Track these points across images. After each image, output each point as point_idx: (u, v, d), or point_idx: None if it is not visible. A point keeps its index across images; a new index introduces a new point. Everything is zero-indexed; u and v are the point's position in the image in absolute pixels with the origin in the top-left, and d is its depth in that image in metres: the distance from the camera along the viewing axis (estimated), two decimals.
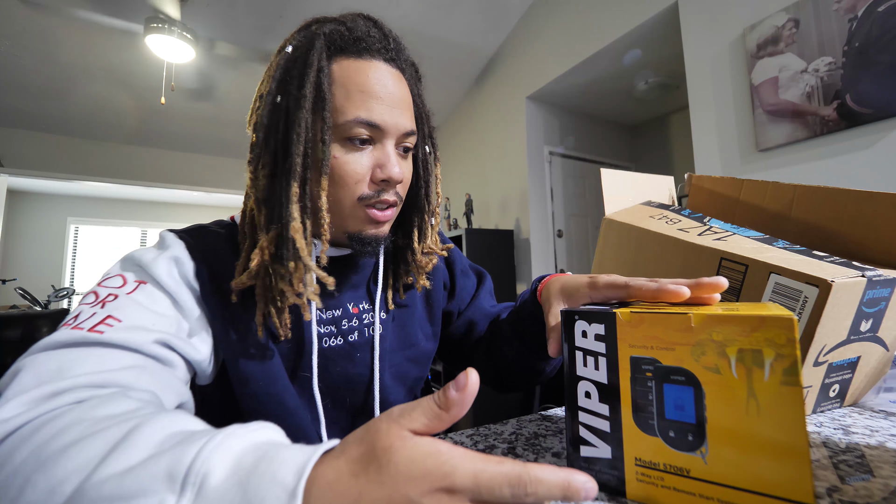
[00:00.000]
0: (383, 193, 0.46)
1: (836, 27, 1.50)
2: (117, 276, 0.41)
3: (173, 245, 0.45)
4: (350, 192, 0.45)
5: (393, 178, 0.45)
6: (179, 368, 0.40)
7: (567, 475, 0.20)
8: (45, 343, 0.34)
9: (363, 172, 0.45)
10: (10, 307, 4.02)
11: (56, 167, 3.87)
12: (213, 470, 0.21)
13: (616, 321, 0.30)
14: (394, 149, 0.46)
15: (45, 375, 0.31)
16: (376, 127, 0.44)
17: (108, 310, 0.37)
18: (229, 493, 0.20)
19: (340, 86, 0.44)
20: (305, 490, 0.20)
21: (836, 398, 0.46)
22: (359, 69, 0.44)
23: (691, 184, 0.72)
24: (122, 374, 0.33)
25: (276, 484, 0.20)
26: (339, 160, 0.44)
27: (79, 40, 2.82)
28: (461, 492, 0.20)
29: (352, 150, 0.44)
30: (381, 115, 0.44)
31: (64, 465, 0.23)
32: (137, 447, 0.23)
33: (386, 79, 0.45)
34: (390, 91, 0.45)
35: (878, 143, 1.42)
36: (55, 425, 0.26)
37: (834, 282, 0.37)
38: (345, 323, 0.51)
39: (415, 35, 3.05)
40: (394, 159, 0.45)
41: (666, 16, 2.17)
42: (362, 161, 0.45)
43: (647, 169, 3.59)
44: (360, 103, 0.43)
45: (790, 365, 0.24)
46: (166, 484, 0.20)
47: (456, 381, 0.23)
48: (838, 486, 0.29)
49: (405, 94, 0.47)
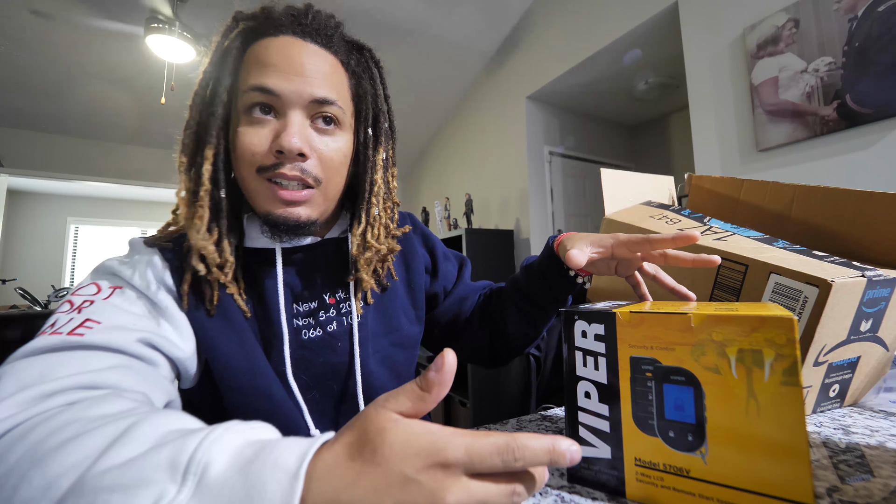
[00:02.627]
0: (282, 166, 0.44)
1: (836, 27, 1.50)
2: (91, 284, 0.41)
3: (144, 249, 0.45)
4: (248, 164, 0.44)
5: (284, 146, 0.42)
6: (164, 367, 0.40)
7: (552, 440, 0.22)
8: (24, 350, 0.33)
9: (260, 143, 0.44)
10: (10, 307, 4.02)
11: (56, 167, 3.87)
12: (215, 460, 0.21)
13: (616, 321, 0.30)
14: (301, 119, 0.45)
15: (26, 380, 0.30)
16: (270, 92, 0.43)
17: (86, 314, 0.37)
18: (230, 481, 0.20)
19: (245, 65, 0.45)
20: (306, 474, 0.21)
21: (836, 398, 0.46)
22: (263, 45, 0.45)
23: (691, 184, 0.72)
24: (107, 373, 0.33)
25: (277, 469, 0.20)
26: (238, 133, 0.44)
27: (79, 40, 2.82)
28: (455, 465, 0.21)
29: (253, 122, 0.44)
30: (275, 81, 0.43)
31: (61, 460, 0.23)
32: (137, 441, 0.23)
33: (289, 49, 0.45)
34: (292, 59, 0.45)
35: (878, 143, 1.42)
36: (49, 425, 0.26)
37: (834, 282, 0.37)
38: (322, 314, 0.51)
39: (415, 35, 3.05)
40: (293, 128, 0.43)
41: (666, 16, 2.17)
42: (261, 133, 0.44)
43: (647, 169, 3.59)
44: (255, 73, 0.44)
45: (790, 365, 0.24)
46: (168, 473, 0.21)
47: (434, 363, 0.24)
48: (838, 486, 0.29)
49: (318, 64, 0.46)
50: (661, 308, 0.30)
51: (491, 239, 3.07)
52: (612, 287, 0.63)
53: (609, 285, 0.64)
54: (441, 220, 3.45)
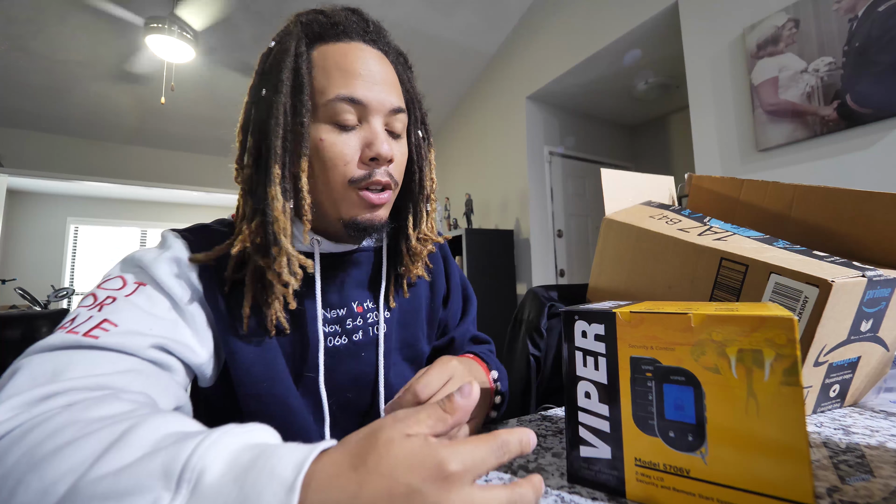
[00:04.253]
0: (375, 174, 0.45)
1: (836, 27, 1.50)
2: (117, 277, 0.41)
3: (174, 245, 0.44)
4: (340, 175, 0.44)
5: (382, 154, 0.44)
6: (178, 373, 0.40)
7: (519, 434, 0.25)
8: (41, 345, 0.34)
9: (351, 153, 0.44)
10: (10, 307, 4.02)
11: (56, 167, 3.87)
12: (210, 467, 0.21)
13: (616, 321, 0.30)
14: (382, 127, 0.46)
15: (39, 378, 0.31)
16: (359, 103, 0.44)
17: (105, 313, 0.37)
18: (225, 489, 0.20)
19: (321, 69, 0.44)
20: (304, 484, 0.20)
21: (837, 398, 0.46)
22: (338, 51, 0.45)
23: (691, 184, 0.72)
24: (115, 377, 0.33)
25: (273, 478, 0.20)
26: (325, 142, 0.43)
27: (79, 40, 2.82)
28: (456, 475, 0.22)
29: (339, 131, 0.44)
30: (363, 91, 0.44)
31: (57, 465, 0.22)
32: (132, 446, 0.23)
33: (367, 57, 0.45)
34: (371, 69, 0.45)
35: (878, 143, 1.42)
36: (47, 427, 0.26)
37: (834, 282, 0.37)
38: (349, 322, 0.51)
39: (415, 35, 3.05)
40: (382, 136, 0.45)
41: (666, 16, 2.17)
42: (350, 142, 0.44)
43: (647, 169, 3.59)
44: (340, 82, 0.43)
45: (790, 365, 0.24)
46: (162, 481, 0.20)
47: (461, 389, 0.26)
48: (838, 486, 0.29)
49: (389, 73, 0.47)
50: (661, 308, 0.30)
51: (491, 239, 3.07)
52: (612, 287, 0.63)
53: (609, 285, 0.64)
54: (441, 220, 3.46)
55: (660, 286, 0.54)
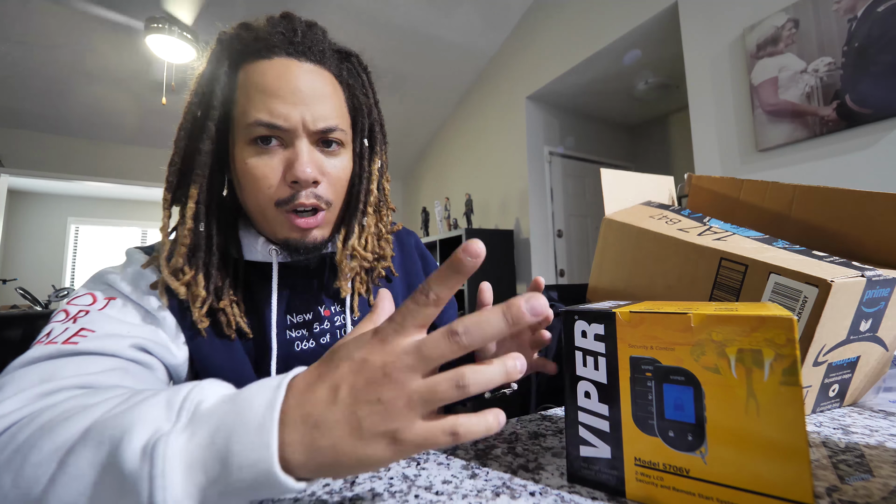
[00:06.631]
0: (299, 196, 0.44)
1: (835, 27, 1.50)
2: (86, 294, 0.41)
3: (138, 261, 0.45)
4: (265, 197, 0.44)
5: (300, 178, 0.42)
6: (159, 371, 0.41)
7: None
8: (21, 360, 0.34)
9: (273, 175, 0.43)
10: (11, 307, 4.02)
11: (56, 167, 3.87)
12: (207, 397, 0.24)
13: (616, 321, 0.30)
14: (308, 146, 0.44)
15: (27, 385, 0.31)
16: (278, 128, 0.42)
17: (81, 324, 0.37)
18: (221, 408, 0.23)
19: (243, 90, 0.44)
20: (289, 386, 0.23)
21: (836, 398, 0.46)
22: (258, 71, 0.43)
23: (691, 184, 0.72)
24: (104, 375, 0.34)
25: (262, 387, 0.23)
26: (248, 165, 0.43)
27: (79, 40, 2.82)
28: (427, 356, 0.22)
29: (260, 152, 0.43)
30: (282, 114, 0.42)
31: (69, 427, 0.24)
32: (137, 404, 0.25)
33: (290, 75, 0.43)
34: (294, 87, 0.43)
35: (878, 143, 1.42)
36: (56, 410, 0.27)
37: (834, 282, 0.37)
38: (316, 326, 0.51)
39: (415, 35, 3.05)
40: (304, 158, 0.43)
41: (666, 16, 2.17)
42: (272, 164, 0.43)
43: (647, 169, 3.59)
44: (259, 104, 0.42)
45: (790, 365, 0.24)
46: (164, 412, 0.23)
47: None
48: (838, 485, 0.29)
49: (319, 87, 0.45)
50: (661, 308, 0.30)
51: (491, 239, 3.07)
52: (612, 287, 0.63)
53: (609, 285, 0.64)
54: (441, 220, 3.45)
55: (659, 286, 0.55)
